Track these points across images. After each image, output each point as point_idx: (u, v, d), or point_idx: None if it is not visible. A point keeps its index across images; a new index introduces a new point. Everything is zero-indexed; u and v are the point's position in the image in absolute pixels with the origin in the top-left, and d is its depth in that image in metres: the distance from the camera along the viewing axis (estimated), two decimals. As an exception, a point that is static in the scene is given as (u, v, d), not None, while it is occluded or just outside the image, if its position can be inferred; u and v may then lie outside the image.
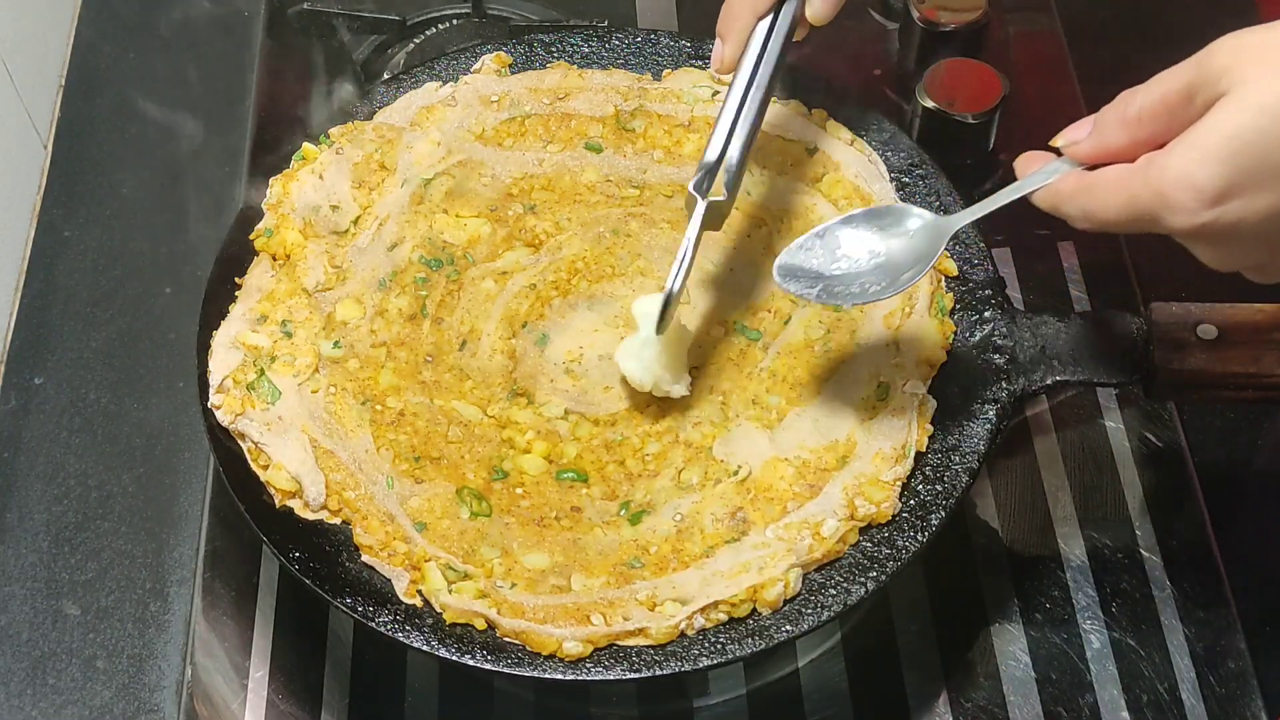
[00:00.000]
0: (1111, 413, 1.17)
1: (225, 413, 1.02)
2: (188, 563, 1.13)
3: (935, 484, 0.99)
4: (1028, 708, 1.04)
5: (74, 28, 1.47)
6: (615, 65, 1.22)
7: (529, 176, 1.16)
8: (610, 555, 0.98)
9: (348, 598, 0.95)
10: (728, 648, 0.93)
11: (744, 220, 1.13)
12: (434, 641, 0.94)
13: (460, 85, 1.19)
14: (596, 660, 0.93)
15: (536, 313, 1.10)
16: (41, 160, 1.37)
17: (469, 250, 1.13)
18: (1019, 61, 1.39)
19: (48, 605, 1.11)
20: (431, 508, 1.00)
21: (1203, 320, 1.00)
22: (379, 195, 1.14)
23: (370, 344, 1.07)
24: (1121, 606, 1.08)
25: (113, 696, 1.08)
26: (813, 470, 1.01)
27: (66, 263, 1.31)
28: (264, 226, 1.12)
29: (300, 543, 0.98)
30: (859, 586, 0.95)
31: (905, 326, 1.06)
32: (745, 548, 0.97)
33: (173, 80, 1.43)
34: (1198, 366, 0.99)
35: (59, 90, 1.43)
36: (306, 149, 1.16)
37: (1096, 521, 1.12)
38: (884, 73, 1.40)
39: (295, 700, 1.05)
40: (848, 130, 1.16)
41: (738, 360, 1.07)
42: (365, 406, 1.04)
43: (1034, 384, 1.02)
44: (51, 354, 1.25)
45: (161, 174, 1.36)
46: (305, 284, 1.09)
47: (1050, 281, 1.25)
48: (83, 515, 1.16)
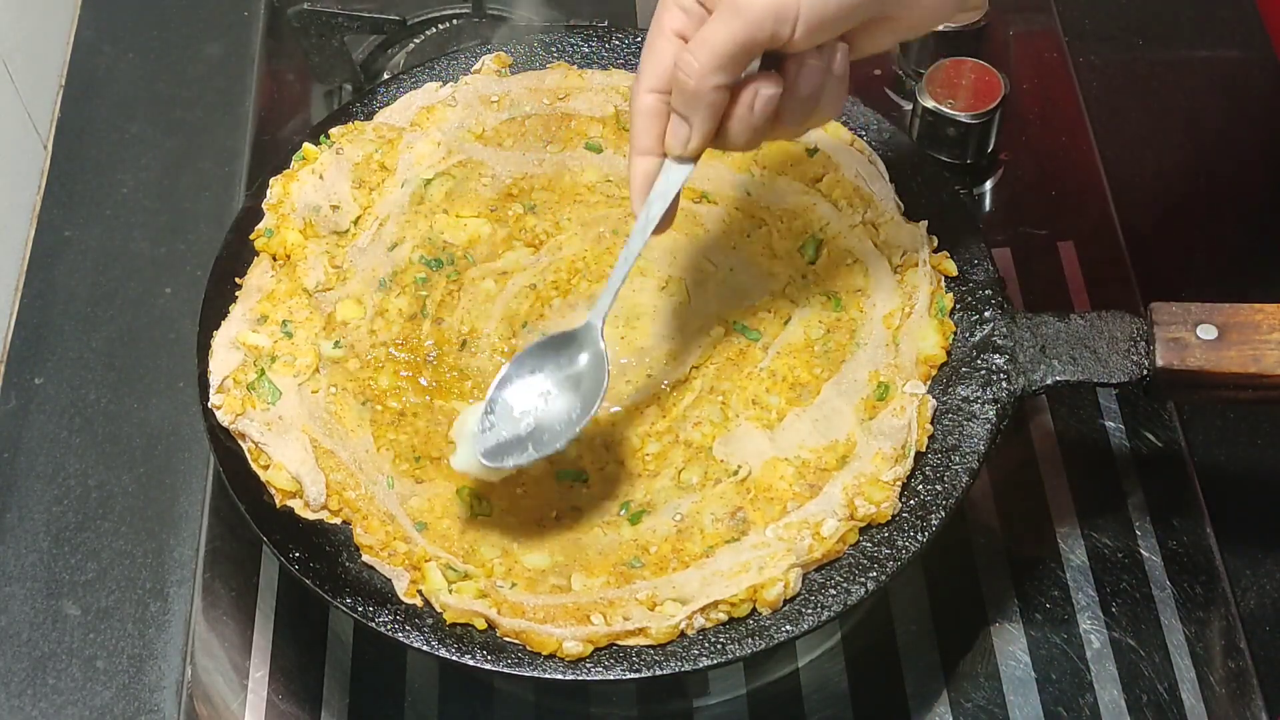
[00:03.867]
0: (1111, 413, 1.17)
1: (225, 413, 1.02)
2: (188, 563, 1.13)
3: (935, 484, 0.99)
4: (1028, 708, 1.04)
5: (74, 28, 1.47)
6: (615, 65, 1.22)
7: (529, 176, 1.16)
8: (610, 555, 0.98)
9: (348, 598, 0.95)
10: (728, 648, 0.93)
11: (744, 220, 1.13)
12: (434, 641, 0.94)
13: (460, 85, 1.19)
14: (596, 660, 0.93)
15: (536, 313, 1.10)
16: (41, 160, 1.37)
17: (469, 250, 1.13)
18: (1019, 61, 1.39)
19: (48, 605, 1.12)
20: (432, 507, 1.00)
21: (1203, 320, 1.00)
22: (379, 195, 1.14)
23: (370, 344, 1.07)
24: (1121, 606, 1.08)
25: (113, 696, 1.08)
26: (813, 470, 1.01)
27: (66, 263, 1.31)
28: (264, 226, 1.12)
29: (300, 543, 0.98)
30: (859, 586, 0.95)
31: (905, 326, 1.06)
32: (745, 548, 0.97)
33: (173, 80, 1.44)
34: (1198, 366, 0.99)
35: (59, 90, 1.43)
36: (306, 149, 1.16)
37: (1096, 521, 1.12)
38: (884, 73, 1.40)
39: (295, 700, 1.06)
40: (848, 130, 1.16)
41: (738, 360, 1.07)
42: (365, 406, 1.04)
43: (1034, 384, 1.02)
44: (51, 354, 1.25)
45: (161, 174, 1.36)
46: (305, 284, 1.09)
47: (1050, 281, 1.25)
48: (83, 515, 1.16)
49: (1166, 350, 0.99)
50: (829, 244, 1.11)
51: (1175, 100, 1.40)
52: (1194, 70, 1.43)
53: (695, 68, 0.87)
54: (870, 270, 1.09)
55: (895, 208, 1.11)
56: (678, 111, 0.91)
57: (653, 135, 0.93)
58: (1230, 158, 1.36)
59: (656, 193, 0.94)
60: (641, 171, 0.94)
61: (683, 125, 0.91)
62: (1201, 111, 1.40)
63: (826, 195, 1.13)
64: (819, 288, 1.10)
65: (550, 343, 1.00)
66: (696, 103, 0.89)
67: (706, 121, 0.90)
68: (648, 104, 0.92)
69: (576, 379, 0.98)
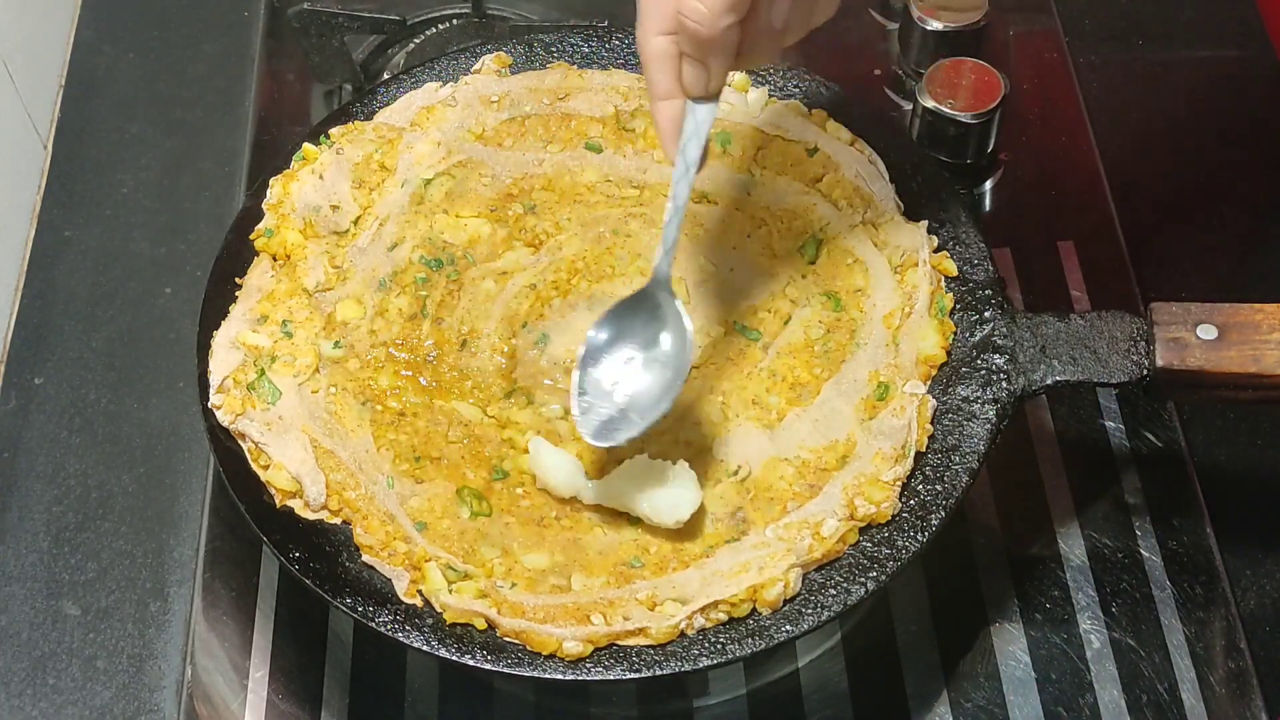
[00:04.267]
0: (1111, 413, 1.17)
1: (225, 413, 1.02)
2: (188, 563, 1.13)
3: (935, 484, 0.99)
4: (1028, 708, 1.04)
5: (74, 28, 1.47)
6: (615, 65, 1.22)
7: (529, 176, 1.16)
8: (610, 555, 0.98)
9: (348, 598, 0.95)
10: (728, 648, 0.93)
11: (744, 220, 1.13)
12: (434, 641, 0.94)
13: (460, 85, 1.19)
14: (596, 660, 0.93)
15: (536, 313, 1.10)
16: (41, 160, 1.37)
17: (469, 250, 1.13)
18: (1019, 61, 1.40)
19: (48, 605, 1.12)
20: (432, 508, 1.00)
21: (1203, 320, 1.00)
22: (379, 195, 1.14)
23: (370, 344, 1.07)
24: (1121, 606, 1.08)
25: (113, 696, 1.08)
26: (813, 470, 1.01)
27: (66, 263, 1.31)
28: (264, 226, 1.12)
29: (300, 543, 0.98)
30: (859, 586, 0.95)
31: (905, 326, 1.06)
32: (745, 547, 0.97)
33: (173, 80, 1.44)
34: (1198, 366, 0.99)
35: (59, 90, 1.43)
36: (306, 149, 1.16)
37: (1096, 521, 1.12)
38: (884, 73, 1.40)
39: (295, 700, 1.06)
40: (848, 130, 1.16)
41: (737, 360, 1.07)
42: (365, 406, 1.04)
43: (1034, 384, 1.02)
44: (51, 354, 1.25)
45: (161, 174, 1.36)
46: (305, 284, 1.09)
47: (1050, 281, 1.25)
48: (83, 515, 1.16)
49: (1166, 350, 0.99)
50: (829, 244, 1.11)
51: (1175, 100, 1.40)
52: (1194, 70, 1.43)
53: (705, 13, 0.86)
54: (870, 270, 1.09)
55: (895, 208, 1.11)
56: (693, 56, 0.90)
57: (670, 78, 0.92)
58: (1230, 158, 1.36)
59: (689, 134, 0.93)
60: (668, 117, 0.93)
61: (699, 68, 0.90)
62: (1201, 111, 1.40)
63: (826, 195, 1.13)
64: (819, 288, 1.10)
65: (620, 309, 0.99)
66: (712, 46, 0.88)
67: (724, 61, 0.90)
68: (659, 47, 0.91)
69: (656, 336, 0.98)
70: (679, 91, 0.92)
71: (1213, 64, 1.43)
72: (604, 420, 0.96)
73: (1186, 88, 1.41)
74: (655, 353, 0.98)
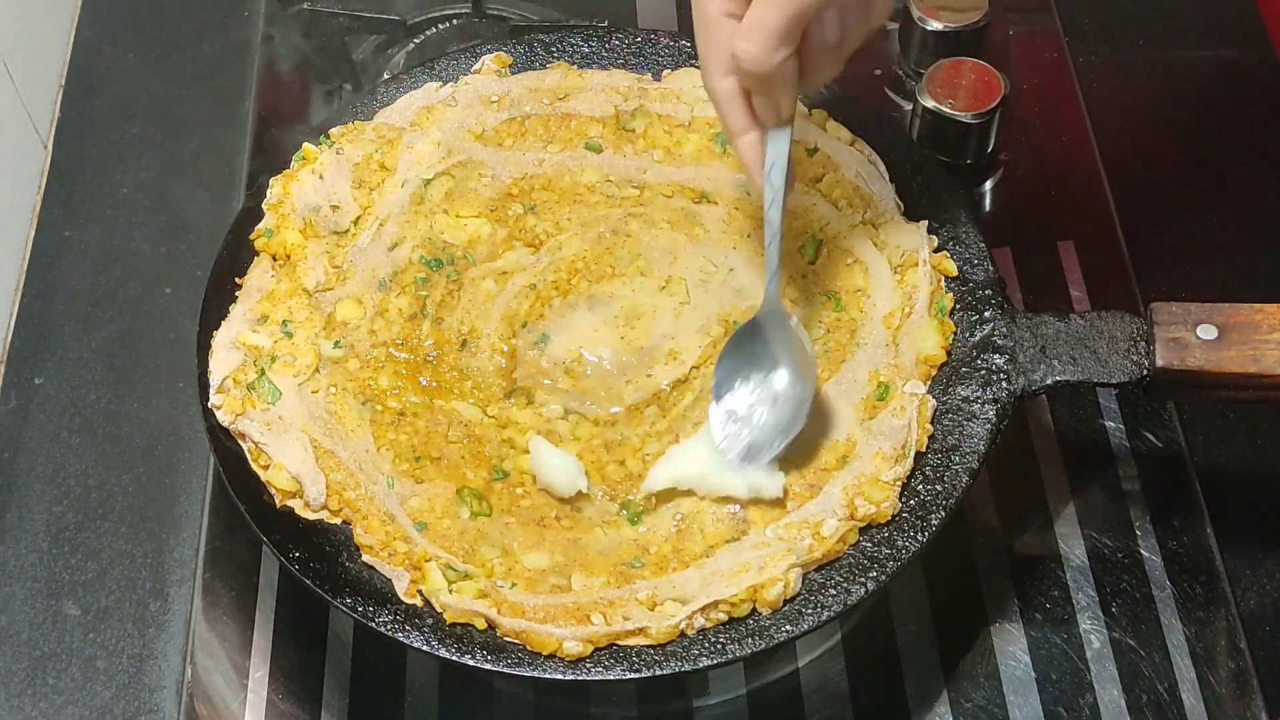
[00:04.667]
0: (1111, 413, 1.17)
1: (225, 413, 1.02)
2: (188, 563, 1.13)
3: (935, 484, 0.99)
4: (1028, 708, 1.04)
5: (74, 28, 1.47)
6: (615, 65, 1.22)
7: (529, 176, 1.16)
8: (610, 555, 0.98)
9: (348, 598, 0.95)
10: (728, 648, 0.93)
11: (744, 220, 1.13)
12: (434, 641, 0.94)
13: (460, 85, 1.19)
14: (596, 660, 0.93)
15: (536, 313, 1.10)
16: (41, 160, 1.37)
17: (469, 250, 1.13)
18: (1019, 61, 1.39)
19: (48, 605, 1.11)
20: (432, 508, 1.00)
21: (1203, 320, 1.00)
22: (379, 195, 1.14)
23: (370, 344, 1.07)
24: (1121, 606, 1.08)
25: (113, 696, 1.08)
26: (813, 470, 1.01)
27: (66, 263, 1.31)
28: (264, 227, 1.12)
29: (300, 543, 0.98)
30: (859, 586, 0.95)
31: (905, 326, 1.06)
32: (745, 547, 0.97)
33: (173, 80, 1.44)
34: (1198, 366, 0.99)
35: (59, 90, 1.43)
36: (306, 149, 1.16)
37: (1096, 521, 1.12)
38: (884, 73, 1.40)
39: (295, 700, 1.06)
40: (848, 130, 1.16)
41: (738, 360, 1.07)
42: (365, 406, 1.04)
43: (1034, 384, 1.02)
44: (51, 354, 1.25)
45: (161, 174, 1.36)
46: (305, 284, 1.09)
47: (1050, 281, 1.25)
48: (83, 515, 1.16)
49: (1166, 350, 0.99)
50: (829, 244, 1.11)
51: (1175, 100, 1.40)
52: (1194, 70, 1.43)
53: (757, 53, 0.90)
54: (870, 270, 1.09)
55: (895, 208, 1.11)
56: (757, 92, 0.94)
57: (743, 114, 0.96)
58: (1230, 158, 1.36)
59: (771, 161, 0.97)
60: (749, 150, 0.97)
61: (768, 100, 0.94)
62: (1201, 111, 1.40)
63: (826, 195, 1.13)
64: (819, 288, 1.10)
65: (740, 337, 1.03)
66: (772, 81, 0.92)
67: (789, 89, 0.93)
68: (726, 89, 0.95)
69: (778, 356, 1.01)
70: (754, 125, 0.97)
71: (1213, 64, 1.43)
72: (751, 443, 0.99)
73: (1186, 88, 1.41)
74: (781, 373, 1.01)
